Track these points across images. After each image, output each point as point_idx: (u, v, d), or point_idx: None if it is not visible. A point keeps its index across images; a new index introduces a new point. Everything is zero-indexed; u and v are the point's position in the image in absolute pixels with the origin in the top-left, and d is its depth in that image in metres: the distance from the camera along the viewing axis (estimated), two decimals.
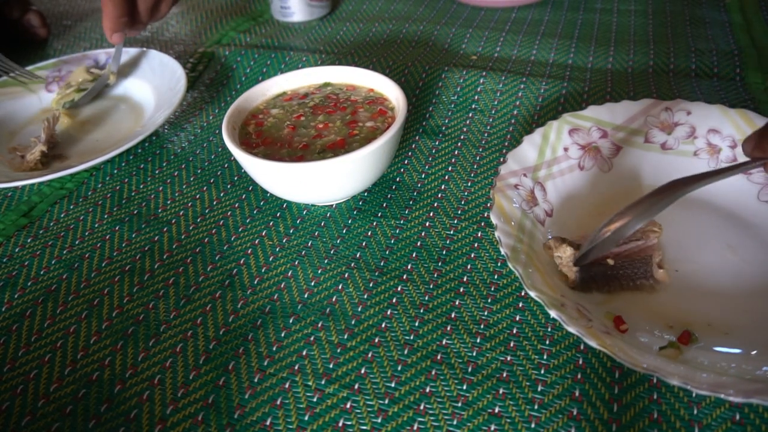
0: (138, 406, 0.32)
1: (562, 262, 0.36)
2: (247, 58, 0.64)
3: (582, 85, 0.54)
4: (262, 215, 0.44)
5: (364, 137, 0.42)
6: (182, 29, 0.75)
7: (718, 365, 0.31)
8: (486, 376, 0.32)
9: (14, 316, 0.38)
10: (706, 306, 0.34)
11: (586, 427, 0.30)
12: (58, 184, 0.49)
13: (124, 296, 0.39)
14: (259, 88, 0.47)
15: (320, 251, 0.41)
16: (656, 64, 0.58)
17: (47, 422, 0.32)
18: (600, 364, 0.32)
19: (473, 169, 0.47)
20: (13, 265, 0.42)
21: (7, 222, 0.45)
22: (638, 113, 0.44)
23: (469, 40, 0.65)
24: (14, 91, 0.60)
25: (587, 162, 0.43)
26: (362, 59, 0.63)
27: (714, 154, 0.42)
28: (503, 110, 0.53)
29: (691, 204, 0.40)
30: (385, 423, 0.30)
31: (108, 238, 0.43)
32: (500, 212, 0.37)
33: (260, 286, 0.39)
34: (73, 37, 0.77)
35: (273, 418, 0.31)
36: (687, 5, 0.70)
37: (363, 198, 0.45)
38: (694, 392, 0.28)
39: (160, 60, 0.61)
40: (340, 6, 0.78)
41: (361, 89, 0.48)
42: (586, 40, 0.63)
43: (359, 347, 0.34)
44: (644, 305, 0.35)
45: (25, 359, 0.35)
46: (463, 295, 0.37)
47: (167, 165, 0.51)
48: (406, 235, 0.41)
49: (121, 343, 0.36)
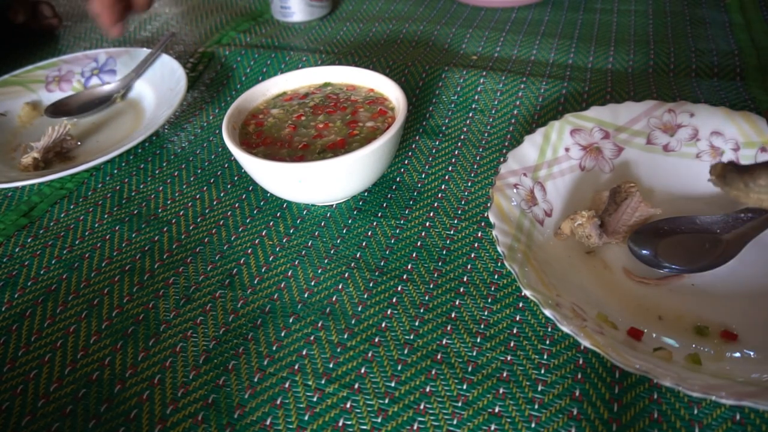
0: (138, 406, 0.32)
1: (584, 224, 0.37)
2: (247, 58, 0.64)
3: (582, 85, 0.54)
4: (263, 215, 0.44)
5: (364, 137, 0.42)
6: (182, 29, 0.75)
7: (712, 368, 0.31)
8: (486, 375, 0.32)
9: (14, 316, 0.38)
10: (704, 307, 0.34)
11: (586, 427, 0.30)
12: (58, 184, 0.49)
13: (124, 296, 0.39)
14: (259, 88, 0.47)
15: (320, 251, 0.41)
16: (656, 64, 0.58)
17: (47, 422, 0.32)
18: (600, 364, 0.32)
19: (473, 169, 0.47)
20: (13, 264, 0.42)
21: (7, 222, 0.45)
22: (641, 114, 0.44)
23: (469, 40, 0.65)
24: (14, 90, 0.60)
25: (588, 162, 0.43)
26: (362, 59, 0.63)
27: (717, 156, 0.42)
28: (503, 110, 0.53)
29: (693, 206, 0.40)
30: (385, 423, 0.30)
31: (108, 237, 0.43)
32: (499, 211, 0.37)
33: (260, 286, 0.39)
34: (73, 37, 0.77)
35: (273, 418, 0.31)
36: (687, 5, 0.70)
37: (363, 198, 0.45)
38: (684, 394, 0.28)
39: (160, 60, 0.61)
40: (340, 6, 0.78)
41: (361, 89, 0.48)
42: (587, 40, 0.63)
43: (359, 347, 0.34)
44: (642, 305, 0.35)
45: (25, 359, 0.35)
46: (464, 294, 0.37)
47: (167, 165, 0.51)
48: (406, 235, 0.41)
49: (121, 342, 0.35)
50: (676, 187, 0.42)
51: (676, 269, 0.36)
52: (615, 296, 0.35)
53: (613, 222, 0.39)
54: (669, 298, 0.35)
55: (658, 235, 0.37)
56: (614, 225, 0.39)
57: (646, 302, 0.35)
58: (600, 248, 0.38)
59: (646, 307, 0.35)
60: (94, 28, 0.79)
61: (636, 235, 0.38)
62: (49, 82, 0.62)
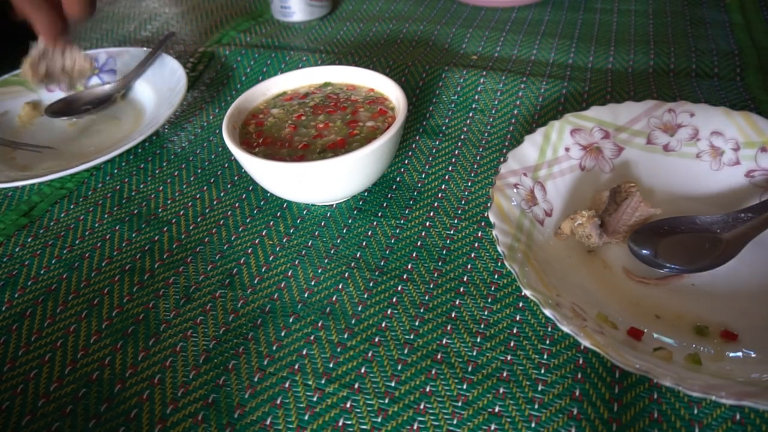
0: (138, 406, 0.32)
1: (584, 223, 0.37)
2: (248, 58, 0.64)
3: (582, 85, 0.54)
4: (263, 215, 0.44)
5: (365, 137, 0.42)
6: (182, 29, 0.75)
7: (712, 367, 0.31)
8: (486, 375, 0.32)
9: (14, 316, 0.38)
10: (704, 307, 0.34)
11: (586, 427, 0.30)
12: (58, 184, 0.49)
13: (124, 296, 0.39)
14: (260, 88, 0.47)
15: (320, 251, 0.41)
16: (656, 64, 0.58)
17: (47, 422, 0.32)
18: (600, 364, 0.32)
19: (473, 168, 0.47)
20: (13, 264, 0.42)
21: (7, 222, 0.45)
22: (641, 114, 0.44)
23: (469, 39, 0.65)
24: (14, 90, 0.60)
25: (588, 162, 0.43)
26: (362, 59, 0.63)
27: (717, 156, 0.42)
28: (503, 110, 0.53)
29: (692, 207, 0.40)
30: (385, 422, 0.30)
31: (108, 237, 0.43)
32: (499, 211, 0.37)
33: (260, 286, 0.39)
34: (73, 37, 0.77)
35: (273, 418, 0.31)
36: (687, 5, 0.70)
37: (363, 198, 0.45)
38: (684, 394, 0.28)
39: (160, 60, 0.61)
40: (340, 6, 0.78)
41: (361, 89, 0.48)
42: (587, 40, 0.63)
43: (359, 347, 0.34)
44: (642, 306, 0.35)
45: (25, 359, 0.35)
46: (464, 294, 0.37)
47: (167, 165, 0.51)
48: (406, 234, 0.41)
49: (121, 342, 0.35)
50: (676, 187, 0.42)
51: (676, 269, 0.36)
52: (615, 296, 0.35)
53: (613, 222, 0.39)
54: (669, 298, 0.35)
55: (658, 235, 0.37)
56: (614, 225, 0.39)
57: (646, 302, 0.35)
58: (600, 248, 0.38)
59: (646, 306, 0.35)
60: (94, 27, 0.79)
61: (636, 235, 0.38)
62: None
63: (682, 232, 0.37)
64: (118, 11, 0.83)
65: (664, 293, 0.35)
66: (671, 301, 0.35)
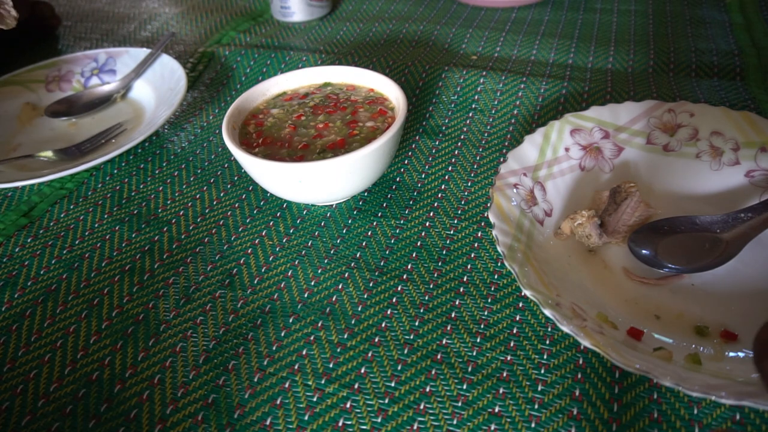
0: (138, 406, 0.32)
1: (584, 223, 0.37)
2: (247, 58, 0.64)
3: (582, 84, 0.54)
4: (262, 215, 0.44)
5: (364, 137, 0.42)
6: (182, 29, 0.75)
7: (712, 367, 0.31)
8: (486, 375, 0.32)
9: (14, 316, 0.38)
10: (704, 307, 0.34)
11: (586, 427, 0.30)
12: (58, 184, 0.49)
13: (124, 296, 0.39)
14: (259, 88, 0.47)
15: (320, 251, 0.41)
16: (656, 64, 0.58)
17: (47, 422, 0.32)
18: (600, 364, 0.32)
19: (473, 169, 0.47)
20: (13, 264, 0.42)
21: (7, 222, 0.45)
22: (641, 114, 0.44)
23: (469, 40, 0.65)
24: (14, 90, 0.60)
25: (588, 162, 0.43)
26: (362, 59, 0.63)
27: (716, 156, 0.42)
28: (503, 110, 0.53)
29: (693, 207, 0.40)
30: (385, 422, 0.30)
31: (108, 237, 0.43)
32: (498, 211, 0.37)
33: (260, 286, 0.39)
34: (73, 37, 0.77)
35: (273, 418, 0.31)
36: (687, 5, 0.70)
37: (363, 198, 0.45)
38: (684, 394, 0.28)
39: (160, 60, 0.61)
40: (340, 6, 0.78)
41: (361, 89, 0.48)
42: (587, 40, 0.63)
43: (359, 347, 0.34)
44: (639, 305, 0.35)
45: (25, 359, 0.35)
46: (463, 294, 0.37)
47: (167, 165, 0.51)
48: (406, 234, 0.41)
49: (120, 342, 0.35)
50: (676, 187, 0.42)
51: (676, 269, 0.36)
52: (615, 296, 0.35)
53: (613, 222, 0.39)
54: (669, 297, 0.35)
55: (658, 235, 0.37)
56: (614, 225, 0.39)
57: (646, 302, 0.35)
58: (600, 248, 0.38)
59: (646, 306, 0.35)
60: (94, 28, 0.79)
61: (636, 235, 0.38)
62: (49, 82, 0.62)
63: (681, 232, 0.37)
64: (118, 11, 0.83)
65: (664, 293, 0.35)
66: (671, 301, 0.35)
